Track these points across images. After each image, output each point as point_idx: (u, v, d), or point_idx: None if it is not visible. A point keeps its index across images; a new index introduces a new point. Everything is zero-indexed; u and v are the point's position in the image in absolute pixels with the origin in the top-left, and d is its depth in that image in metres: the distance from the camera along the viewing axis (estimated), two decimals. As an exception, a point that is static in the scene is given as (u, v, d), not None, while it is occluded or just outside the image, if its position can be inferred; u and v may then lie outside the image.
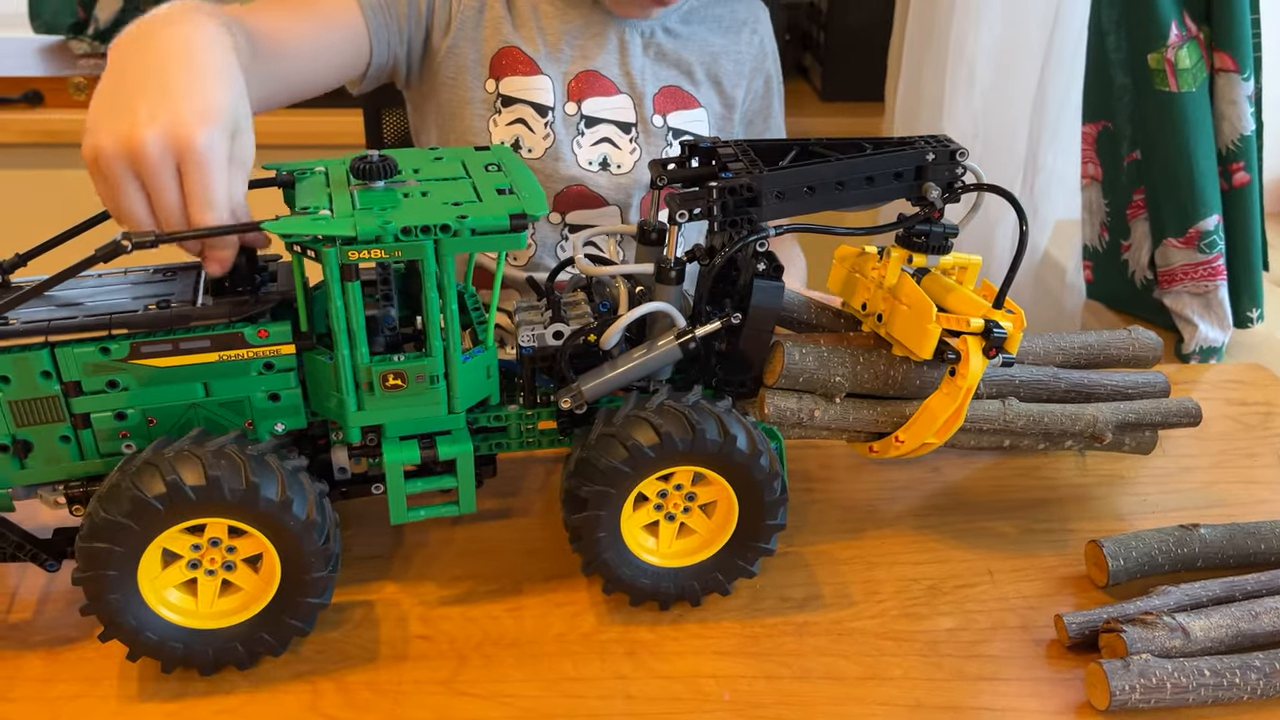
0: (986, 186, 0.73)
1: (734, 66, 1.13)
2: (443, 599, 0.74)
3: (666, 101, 1.10)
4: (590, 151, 1.07)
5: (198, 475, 0.60)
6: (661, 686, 0.67)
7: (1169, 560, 0.76)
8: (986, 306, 0.71)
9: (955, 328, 0.71)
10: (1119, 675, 0.64)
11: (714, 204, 0.69)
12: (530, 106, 1.05)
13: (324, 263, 0.62)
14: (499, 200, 0.65)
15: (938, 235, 0.73)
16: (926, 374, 0.76)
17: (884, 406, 0.77)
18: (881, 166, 0.71)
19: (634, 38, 1.08)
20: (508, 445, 0.74)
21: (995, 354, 0.71)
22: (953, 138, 0.74)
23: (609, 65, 1.07)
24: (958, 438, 0.78)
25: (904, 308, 0.73)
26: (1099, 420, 0.81)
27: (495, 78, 1.05)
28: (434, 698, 0.66)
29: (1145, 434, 0.86)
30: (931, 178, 0.72)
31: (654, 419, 0.67)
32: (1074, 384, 0.84)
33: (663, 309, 0.71)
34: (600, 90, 1.07)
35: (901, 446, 0.76)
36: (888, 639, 0.71)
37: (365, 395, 0.66)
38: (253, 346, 0.65)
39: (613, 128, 1.07)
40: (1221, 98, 1.19)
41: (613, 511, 0.68)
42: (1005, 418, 0.79)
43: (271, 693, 0.66)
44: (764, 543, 0.71)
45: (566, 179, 1.07)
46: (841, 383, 0.75)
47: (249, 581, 0.65)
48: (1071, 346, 0.86)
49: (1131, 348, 0.88)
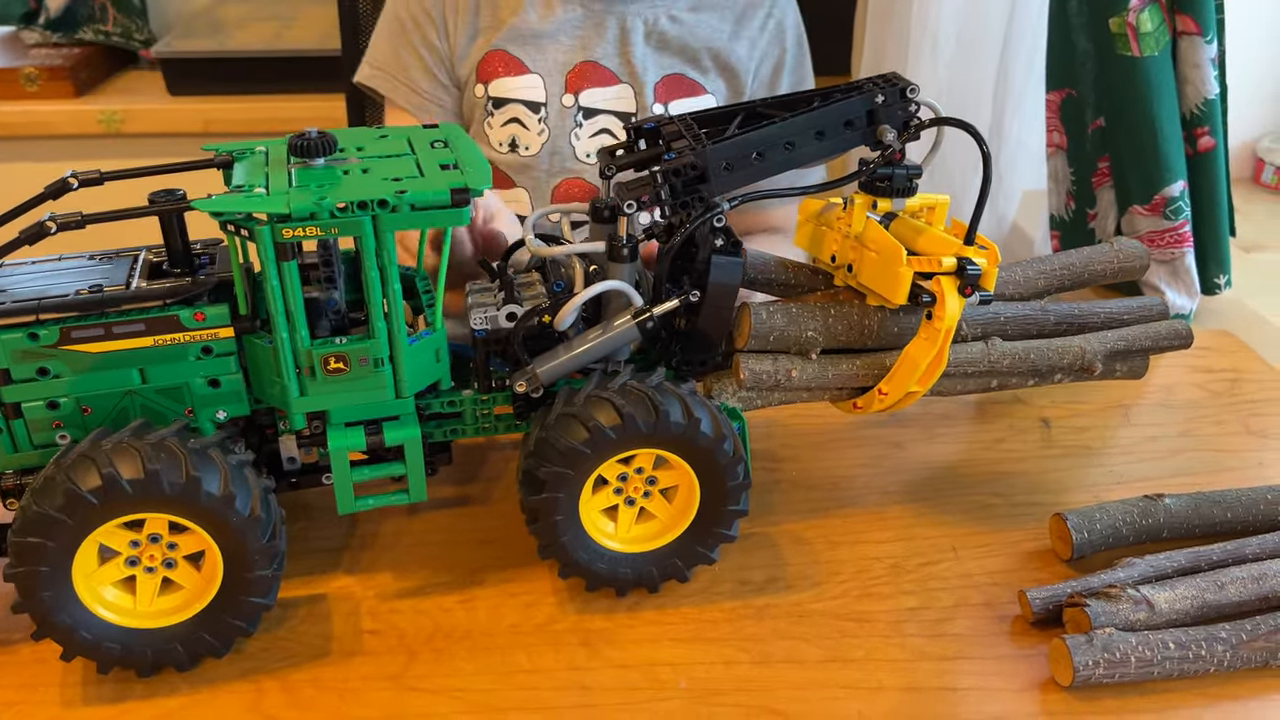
0: (942, 120, 0.70)
1: (747, 51, 1.10)
2: (394, 591, 0.72)
3: (670, 90, 1.07)
4: (589, 144, 1.05)
5: (135, 468, 0.58)
6: (617, 676, 0.66)
7: (1134, 532, 0.75)
8: (958, 244, 0.69)
9: (927, 269, 0.68)
10: (1082, 650, 0.63)
11: (660, 189, 0.67)
12: (522, 105, 1.03)
13: (257, 242, 0.59)
14: (441, 175, 0.63)
15: (901, 178, 0.71)
16: (903, 321, 0.74)
17: (863, 359, 0.75)
18: (830, 118, 0.69)
19: (636, 25, 1.05)
20: (463, 431, 0.72)
21: (971, 292, 0.68)
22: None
23: (609, 55, 1.05)
24: (943, 384, 0.76)
25: (872, 255, 0.71)
26: (1087, 351, 0.78)
27: (483, 82, 1.04)
28: (382, 694, 0.64)
29: (1136, 360, 0.84)
30: (885, 120, 0.70)
31: (616, 399, 0.65)
32: (1064, 316, 0.81)
33: (617, 288, 0.68)
34: (599, 81, 1.05)
35: (885, 399, 0.74)
36: (850, 620, 0.70)
37: (307, 380, 0.64)
38: (189, 330, 0.63)
39: (612, 118, 1.05)
40: (1184, 61, 1.18)
41: (571, 494, 0.66)
42: (990, 358, 0.76)
43: (213, 693, 0.64)
44: (725, 529, 0.69)
45: (564, 173, 1.05)
46: (815, 337, 0.73)
47: (190, 580, 0.63)
48: (1054, 269, 0.83)
49: (1117, 259, 0.84)
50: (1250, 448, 0.89)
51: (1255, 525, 0.76)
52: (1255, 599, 0.68)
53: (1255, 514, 0.77)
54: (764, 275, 0.76)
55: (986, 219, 1.59)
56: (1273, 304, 1.35)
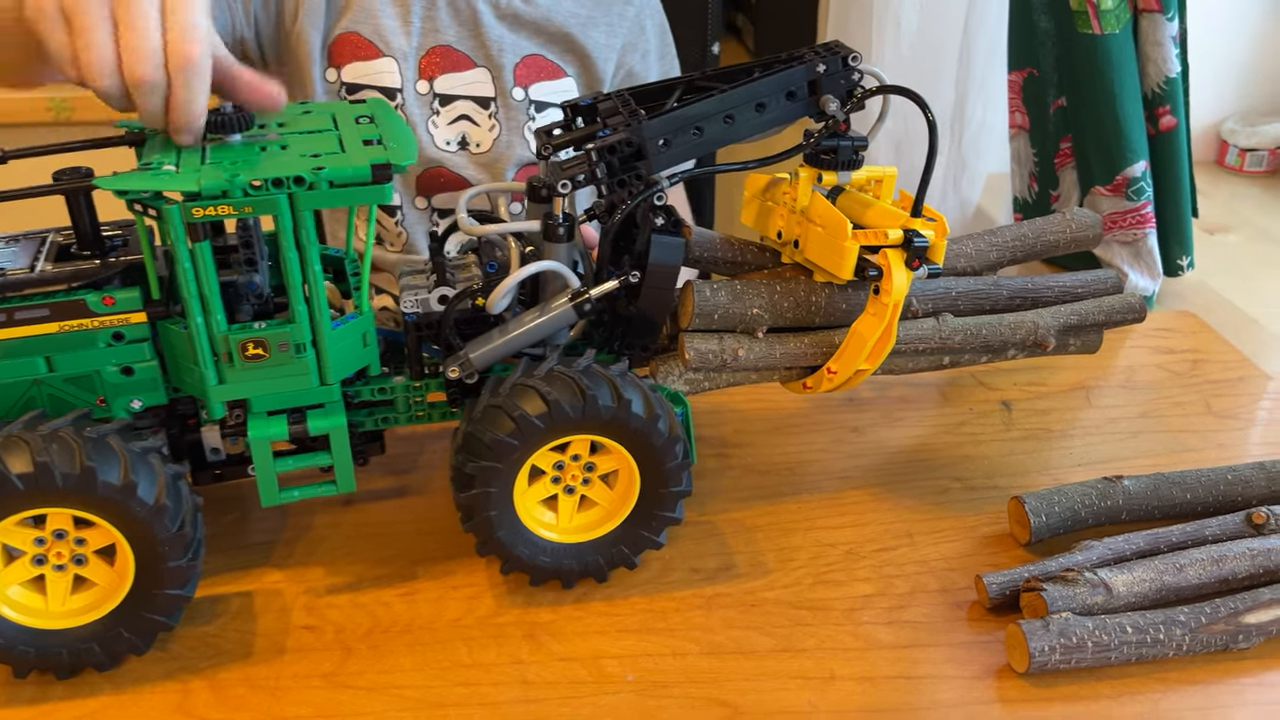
0: (885, 89, 0.68)
1: (605, 38, 1.06)
2: (330, 586, 0.69)
3: (528, 73, 1.02)
4: (447, 131, 1.00)
5: (25, 462, 0.55)
6: (562, 669, 0.63)
7: (1092, 514, 0.73)
8: (905, 217, 0.67)
9: (873, 242, 0.66)
10: (1038, 636, 0.61)
11: (595, 167, 0.64)
12: (377, 91, 0.98)
13: (167, 222, 0.56)
14: (363, 151, 0.60)
15: (846, 149, 0.69)
16: (852, 297, 0.72)
17: (811, 337, 0.73)
18: (770, 89, 0.67)
19: (483, 6, 1.00)
20: (395, 420, 0.69)
21: (919, 265, 0.66)
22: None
23: (462, 38, 1.00)
24: (894, 362, 0.74)
25: (818, 229, 0.69)
26: (1040, 326, 0.76)
27: (335, 66, 0.99)
28: (316, 692, 0.61)
29: (1090, 334, 0.82)
30: (828, 90, 0.67)
31: (542, 387, 0.62)
32: (1017, 290, 0.79)
33: (552, 268, 0.66)
34: (453, 66, 1.00)
35: (835, 378, 0.72)
36: (802, 608, 0.68)
37: (225, 367, 0.61)
38: (98, 315, 0.60)
39: (470, 104, 1.00)
40: (1146, 39, 1.16)
41: (504, 487, 0.64)
42: (941, 334, 0.74)
43: (137, 694, 0.61)
44: (669, 511, 0.67)
45: (425, 161, 1.00)
46: (760, 315, 0.71)
47: (103, 575, 0.60)
48: (1006, 241, 0.81)
49: (1070, 229, 0.82)
50: (1211, 428, 0.88)
51: (1215, 506, 0.75)
52: (1215, 581, 0.67)
53: (1215, 495, 0.75)
54: (710, 254, 0.74)
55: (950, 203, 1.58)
56: (1235, 285, 1.35)
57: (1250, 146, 1.66)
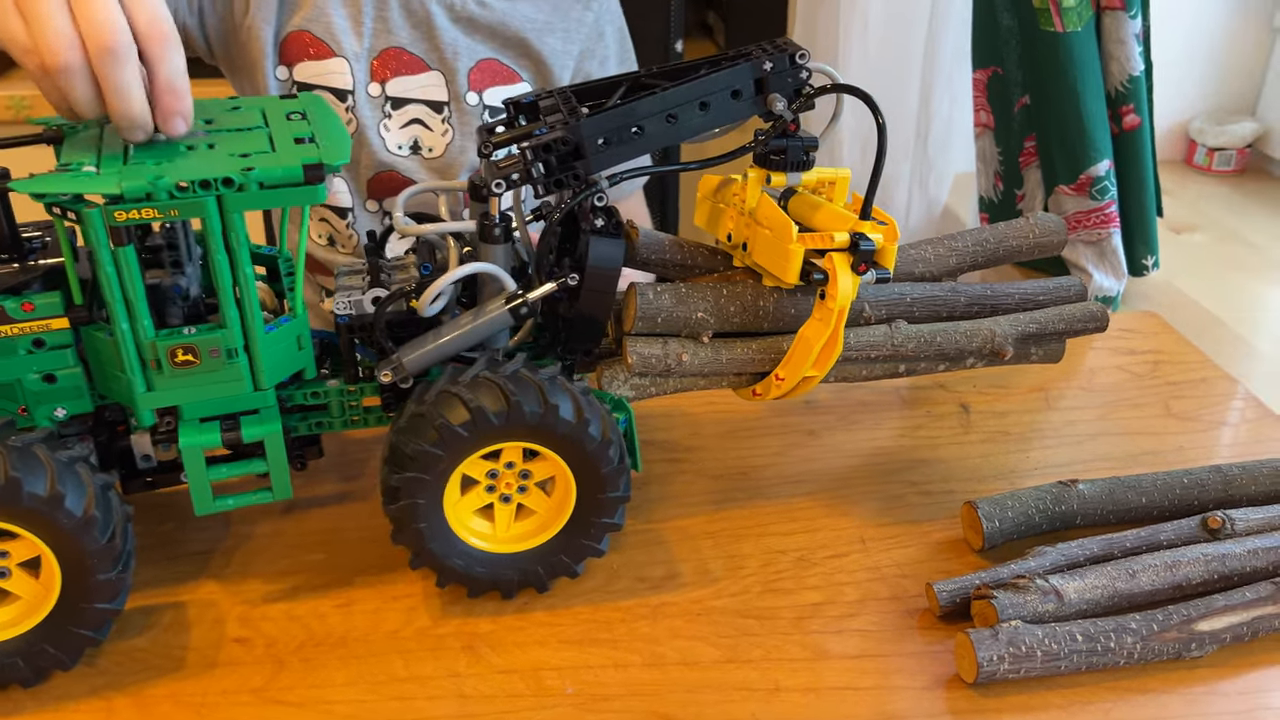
0: (835, 88, 0.66)
1: (562, 44, 1.04)
2: (266, 596, 0.67)
3: (483, 77, 1.00)
4: (399, 135, 0.98)
5: None
6: (500, 683, 0.62)
7: (1046, 519, 0.72)
8: (854, 220, 0.65)
9: (819, 245, 0.65)
10: (986, 645, 0.60)
11: (530, 166, 0.62)
12: (328, 92, 0.96)
13: (87, 226, 0.54)
14: (294, 150, 0.58)
15: (795, 150, 0.67)
16: (800, 302, 0.71)
17: (758, 342, 0.71)
18: (714, 87, 0.65)
19: (436, 9, 0.98)
20: (330, 424, 0.67)
21: (866, 269, 0.64)
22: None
23: (415, 41, 0.98)
24: (846, 369, 0.73)
25: (765, 231, 0.67)
26: (997, 334, 0.75)
27: (286, 64, 0.96)
28: (244, 709, 0.59)
29: (1052, 343, 0.80)
30: (775, 88, 0.66)
31: (465, 394, 0.60)
32: (975, 298, 0.77)
33: (487, 270, 0.64)
34: (406, 68, 0.98)
35: (783, 384, 0.70)
36: (750, 617, 0.66)
37: (154, 374, 0.59)
38: (16, 321, 0.58)
39: (423, 108, 0.98)
40: (1109, 37, 1.16)
41: (432, 498, 0.62)
42: (894, 342, 0.72)
43: (58, 712, 0.59)
44: (609, 517, 0.65)
45: (376, 165, 0.99)
46: (705, 319, 0.69)
47: (27, 588, 0.58)
48: (966, 247, 0.79)
49: (1033, 234, 0.80)
50: (1171, 430, 0.87)
51: (1171, 510, 0.74)
52: (1168, 587, 0.66)
53: (1171, 499, 0.74)
54: (658, 255, 0.72)
55: (917, 203, 1.57)
56: (1201, 286, 1.35)
57: (1218, 146, 1.66)
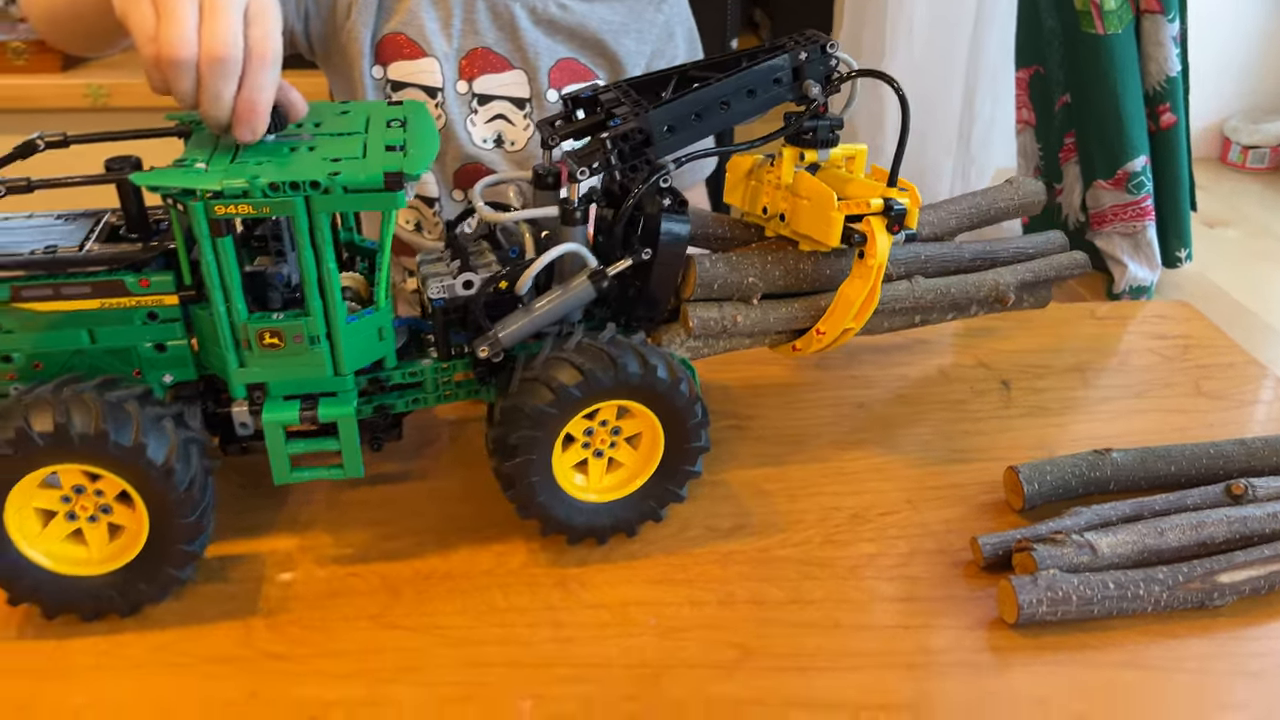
0: (862, 72, 0.76)
1: (636, 45, 1.11)
2: (371, 541, 0.74)
3: (562, 76, 1.08)
4: (484, 129, 1.06)
5: (47, 421, 0.60)
6: (591, 614, 0.69)
7: (1082, 484, 0.79)
8: (882, 187, 0.74)
9: (857, 211, 0.74)
10: (1027, 590, 0.67)
11: (610, 154, 0.70)
12: (420, 89, 1.04)
13: (192, 217, 0.61)
14: (381, 157, 0.64)
15: (824, 129, 0.76)
16: (835, 263, 0.80)
17: (801, 301, 0.81)
18: (760, 77, 0.73)
19: (520, 12, 1.06)
20: (425, 400, 0.74)
21: (899, 229, 0.74)
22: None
23: (500, 41, 1.06)
24: (872, 321, 0.82)
25: (805, 202, 0.75)
26: (1001, 283, 0.87)
27: (382, 64, 1.04)
28: (365, 633, 0.67)
29: (1041, 290, 0.93)
30: (810, 75, 0.74)
31: (574, 358, 0.68)
32: (978, 253, 0.90)
33: (573, 250, 0.71)
34: (491, 67, 1.06)
35: (823, 338, 0.79)
36: (811, 564, 0.74)
37: (245, 352, 0.66)
38: (135, 295, 0.64)
39: (507, 104, 1.06)
40: (1147, 39, 1.21)
41: (543, 454, 0.69)
42: (915, 294, 0.83)
43: (201, 628, 0.67)
44: (690, 465, 0.73)
45: (462, 157, 1.07)
46: (755, 282, 0.78)
47: (129, 519, 0.65)
48: (963, 210, 0.92)
49: (1016, 196, 0.94)
50: (1200, 408, 0.93)
51: (1197, 478, 0.80)
52: (1194, 544, 0.72)
53: (1198, 468, 0.80)
54: (701, 230, 0.82)
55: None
56: (1233, 278, 1.39)
57: (1253, 144, 1.71)
